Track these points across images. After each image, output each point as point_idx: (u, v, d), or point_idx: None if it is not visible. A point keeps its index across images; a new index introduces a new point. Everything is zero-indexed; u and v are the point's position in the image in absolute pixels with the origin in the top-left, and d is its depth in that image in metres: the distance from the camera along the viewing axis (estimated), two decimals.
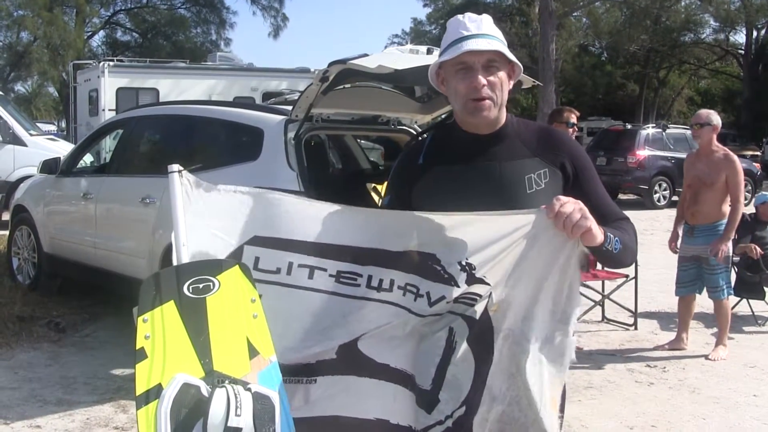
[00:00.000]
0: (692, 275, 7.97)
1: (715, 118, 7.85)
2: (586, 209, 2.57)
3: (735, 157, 7.80)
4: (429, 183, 2.83)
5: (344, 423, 2.85)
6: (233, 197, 2.81)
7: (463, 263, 2.68)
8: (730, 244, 7.92)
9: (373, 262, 2.77)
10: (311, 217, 2.85)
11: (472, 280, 2.68)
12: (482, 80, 2.71)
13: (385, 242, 2.77)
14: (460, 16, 2.80)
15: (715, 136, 7.83)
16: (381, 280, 2.76)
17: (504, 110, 2.84)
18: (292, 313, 2.81)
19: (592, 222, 2.56)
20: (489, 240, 2.68)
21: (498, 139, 2.84)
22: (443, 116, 7.25)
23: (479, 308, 2.70)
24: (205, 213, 2.76)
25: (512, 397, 2.73)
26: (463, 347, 2.71)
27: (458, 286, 2.68)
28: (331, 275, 2.79)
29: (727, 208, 7.79)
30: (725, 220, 7.79)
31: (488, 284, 2.68)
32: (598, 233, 2.60)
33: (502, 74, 2.76)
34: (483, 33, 2.73)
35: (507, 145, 2.84)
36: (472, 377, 2.71)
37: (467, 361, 2.71)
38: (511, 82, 2.82)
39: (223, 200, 2.79)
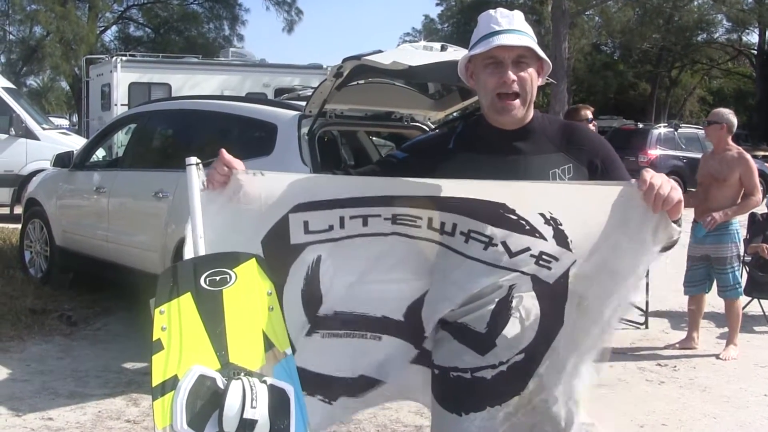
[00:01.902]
0: (702, 275, 7.95)
1: (727, 117, 7.81)
2: (674, 182, 2.59)
3: (748, 155, 7.79)
4: (456, 169, 2.78)
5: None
6: (261, 180, 2.78)
7: (546, 216, 2.65)
8: (741, 244, 7.90)
9: (432, 207, 2.73)
10: (354, 181, 2.86)
11: (559, 236, 2.66)
12: (512, 76, 2.72)
13: (443, 191, 2.71)
14: (492, 11, 2.80)
15: (729, 136, 7.80)
16: (443, 223, 2.73)
17: (532, 107, 2.84)
18: (350, 262, 2.83)
19: (681, 195, 2.58)
20: (572, 202, 2.68)
21: (524, 135, 2.84)
22: (470, 109, 7.26)
23: (555, 273, 2.68)
24: (232, 197, 2.76)
25: (572, 361, 2.78)
26: (528, 301, 2.70)
27: (545, 240, 2.66)
28: (386, 218, 2.77)
29: None
30: (736, 221, 7.77)
31: (571, 251, 2.66)
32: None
33: (532, 71, 2.76)
34: (514, 28, 2.74)
35: (533, 140, 2.84)
36: (536, 330, 2.71)
37: (531, 313, 2.71)
38: (540, 80, 2.83)
39: (252, 182, 2.77)
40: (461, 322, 2.75)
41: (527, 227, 2.66)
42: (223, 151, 2.77)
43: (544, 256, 2.67)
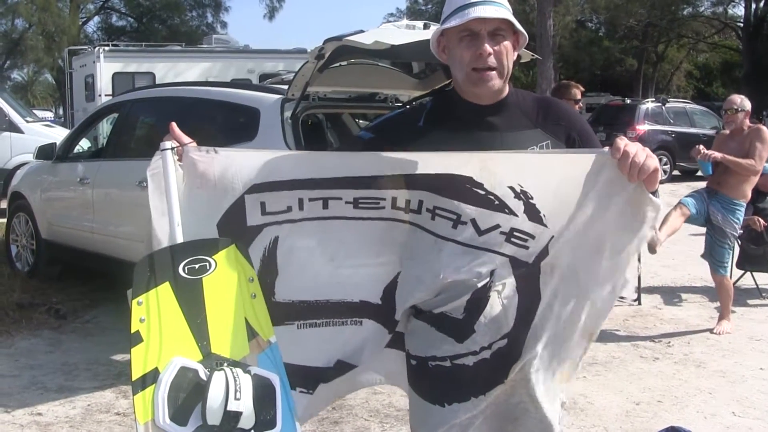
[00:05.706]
0: (700, 200, 7.95)
1: (747, 103, 7.93)
2: (649, 150, 2.51)
3: (764, 129, 7.85)
4: (427, 147, 2.65)
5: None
6: (214, 158, 2.69)
7: (517, 189, 2.56)
8: (740, 218, 7.86)
9: (394, 185, 2.64)
10: (312, 159, 2.79)
11: (531, 211, 2.57)
12: (488, 48, 2.60)
13: (405, 168, 2.62)
14: None
15: (747, 120, 7.92)
16: (408, 201, 2.65)
17: (507, 81, 2.73)
18: (312, 245, 2.75)
19: (657, 163, 2.50)
20: (543, 173, 2.59)
21: (499, 110, 2.73)
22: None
23: (533, 252, 2.60)
24: (186, 177, 2.68)
25: (551, 336, 2.68)
26: (508, 285, 2.62)
27: (516, 216, 2.57)
28: (348, 202, 2.68)
29: (749, 191, 7.81)
30: (745, 202, 7.81)
31: (546, 226, 2.58)
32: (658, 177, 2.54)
33: (508, 44, 2.65)
34: (490, 0, 2.62)
35: (508, 116, 2.73)
36: (517, 313, 2.63)
37: (511, 298, 2.62)
38: (516, 53, 2.71)
39: (205, 161, 2.69)
40: (438, 311, 2.67)
41: (496, 202, 2.57)
42: (173, 125, 2.71)
43: (515, 233, 2.58)
